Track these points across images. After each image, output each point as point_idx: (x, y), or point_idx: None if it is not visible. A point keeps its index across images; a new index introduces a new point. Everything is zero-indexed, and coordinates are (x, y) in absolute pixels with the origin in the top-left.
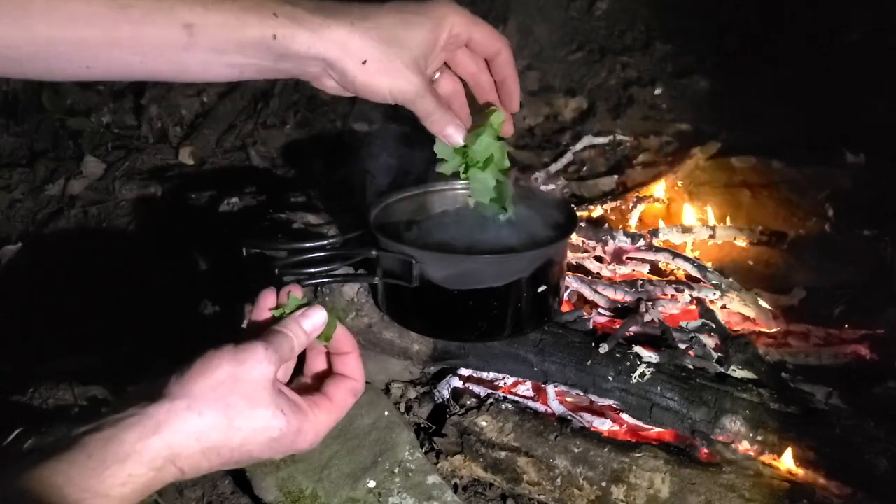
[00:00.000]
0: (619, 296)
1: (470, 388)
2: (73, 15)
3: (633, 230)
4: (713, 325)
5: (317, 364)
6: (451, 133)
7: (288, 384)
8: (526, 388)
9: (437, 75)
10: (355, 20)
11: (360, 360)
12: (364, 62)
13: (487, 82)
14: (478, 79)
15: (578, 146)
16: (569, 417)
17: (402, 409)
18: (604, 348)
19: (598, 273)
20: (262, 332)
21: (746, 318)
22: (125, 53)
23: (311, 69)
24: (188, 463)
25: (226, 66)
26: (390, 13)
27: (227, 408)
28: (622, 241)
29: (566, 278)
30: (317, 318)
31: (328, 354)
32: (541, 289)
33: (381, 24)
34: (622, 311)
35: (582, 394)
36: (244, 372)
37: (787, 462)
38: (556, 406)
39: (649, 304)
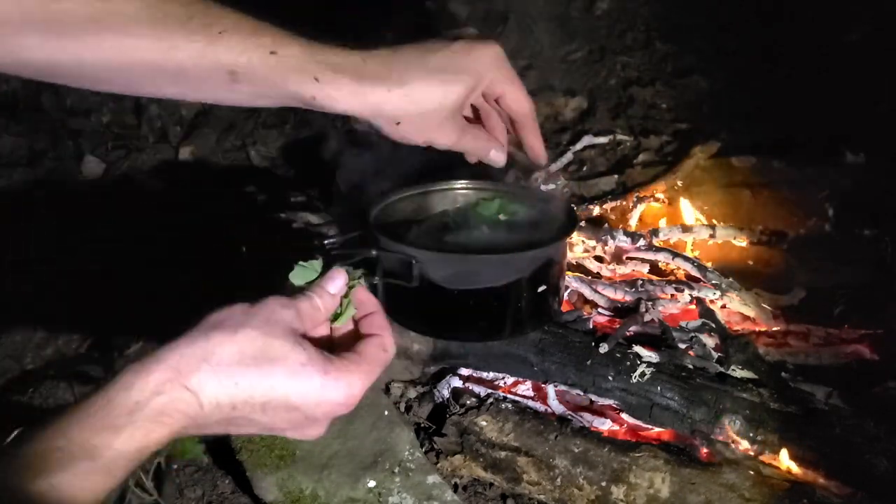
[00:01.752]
0: (619, 295)
1: (470, 388)
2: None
3: (633, 230)
4: (713, 325)
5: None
6: (494, 157)
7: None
8: (526, 388)
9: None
10: (392, 86)
11: (386, 318)
12: (398, 123)
13: (498, 125)
14: (490, 116)
15: (578, 146)
16: (569, 417)
17: (402, 409)
18: (604, 348)
19: (598, 273)
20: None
21: (746, 318)
22: (168, 83)
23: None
24: (201, 385)
25: (257, 102)
26: (430, 73)
27: (237, 334)
28: (622, 241)
29: (566, 278)
30: (338, 277)
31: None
32: (541, 289)
33: (416, 87)
34: (622, 311)
35: (582, 394)
36: (257, 310)
37: (786, 462)
38: (556, 406)
39: (649, 303)
